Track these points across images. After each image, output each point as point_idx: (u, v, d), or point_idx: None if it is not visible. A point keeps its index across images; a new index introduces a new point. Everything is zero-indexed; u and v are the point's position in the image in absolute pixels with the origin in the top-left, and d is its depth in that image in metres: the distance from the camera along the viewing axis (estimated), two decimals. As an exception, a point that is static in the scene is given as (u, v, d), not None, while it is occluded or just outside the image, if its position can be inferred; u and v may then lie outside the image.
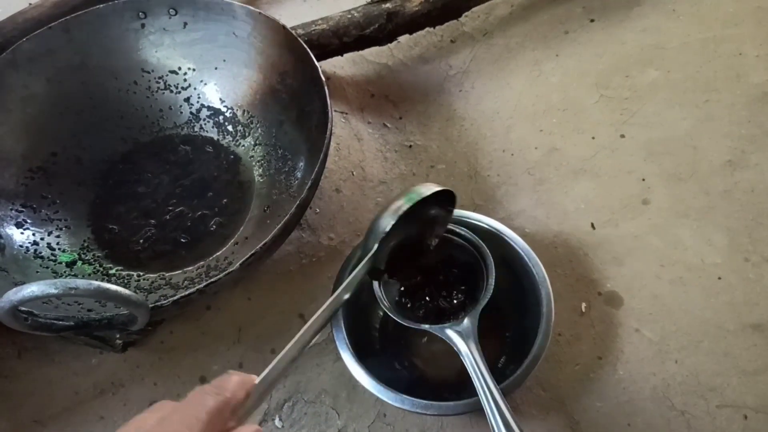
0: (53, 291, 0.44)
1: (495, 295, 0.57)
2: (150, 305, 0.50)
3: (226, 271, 0.53)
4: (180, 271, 0.68)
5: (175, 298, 0.53)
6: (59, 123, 0.71)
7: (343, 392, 0.64)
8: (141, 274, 0.67)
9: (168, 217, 0.72)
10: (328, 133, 0.61)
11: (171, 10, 0.72)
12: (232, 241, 0.69)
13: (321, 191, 0.76)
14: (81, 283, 0.45)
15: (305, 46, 0.66)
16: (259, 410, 0.63)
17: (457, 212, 0.65)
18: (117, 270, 0.67)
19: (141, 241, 0.70)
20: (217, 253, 0.68)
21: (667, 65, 0.85)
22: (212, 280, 0.53)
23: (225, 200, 0.72)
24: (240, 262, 0.54)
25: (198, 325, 0.68)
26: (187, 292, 0.53)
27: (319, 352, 0.66)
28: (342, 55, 0.84)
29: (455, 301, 0.60)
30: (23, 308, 0.49)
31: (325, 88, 0.63)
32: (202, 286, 0.53)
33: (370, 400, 0.63)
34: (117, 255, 0.69)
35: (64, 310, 0.57)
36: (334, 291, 0.59)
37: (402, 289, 0.62)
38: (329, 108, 0.62)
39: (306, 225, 0.74)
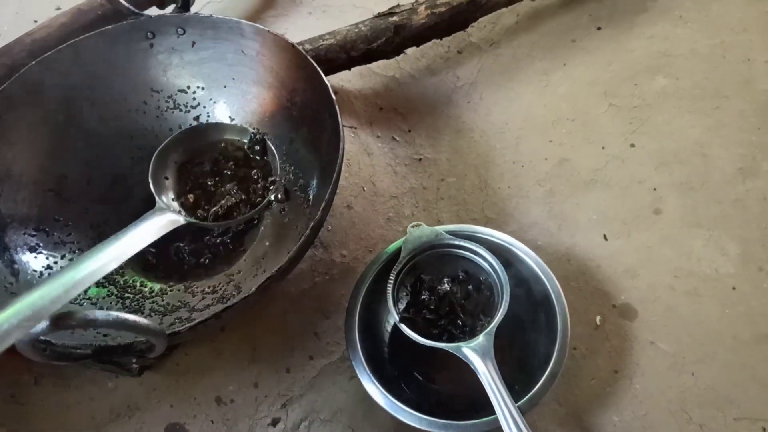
0: (72, 323, 0.44)
1: (510, 311, 0.57)
2: (167, 332, 0.50)
3: (242, 296, 0.53)
4: (191, 291, 0.68)
5: (192, 324, 0.53)
6: (69, 144, 0.71)
7: (359, 411, 0.64)
8: (155, 295, 0.67)
9: (180, 236, 0.71)
10: (340, 152, 0.60)
11: (179, 29, 0.72)
12: (245, 259, 0.69)
13: (332, 208, 0.76)
14: (99, 314, 0.44)
15: (314, 63, 0.66)
16: (276, 430, 0.63)
17: (469, 227, 0.65)
18: (130, 292, 0.67)
19: (153, 261, 0.70)
20: (230, 271, 0.69)
21: (675, 72, 0.85)
22: (228, 304, 0.53)
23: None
24: (256, 286, 0.54)
25: (213, 346, 0.68)
26: (203, 318, 0.53)
27: (335, 370, 0.66)
28: (349, 69, 0.84)
29: (470, 319, 0.60)
30: (41, 338, 0.49)
31: (336, 106, 0.63)
32: (218, 311, 0.53)
33: (387, 420, 0.63)
34: (130, 276, 0.69)
35: (79, 337, 0.57)
36: (349, 306, 0.60)
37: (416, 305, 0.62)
38: (340, 127, 0.62)
39: (318, 242, 0.74)
